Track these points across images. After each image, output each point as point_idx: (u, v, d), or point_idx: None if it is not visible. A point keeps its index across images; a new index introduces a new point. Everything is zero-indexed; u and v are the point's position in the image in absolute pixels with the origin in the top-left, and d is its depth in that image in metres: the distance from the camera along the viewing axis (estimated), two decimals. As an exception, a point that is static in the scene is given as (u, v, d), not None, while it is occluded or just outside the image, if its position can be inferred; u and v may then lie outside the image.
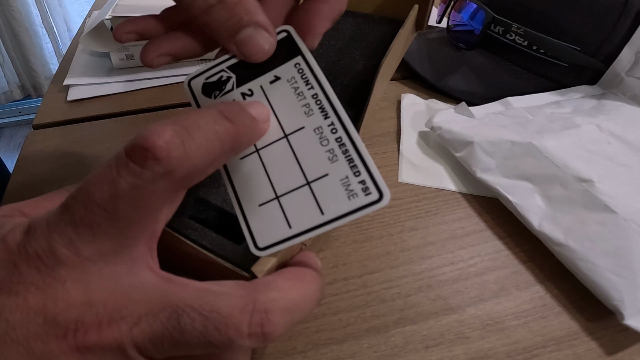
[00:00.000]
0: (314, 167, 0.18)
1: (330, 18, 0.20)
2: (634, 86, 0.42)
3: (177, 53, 0.21)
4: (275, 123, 0.19)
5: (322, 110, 0.19)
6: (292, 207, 0.18)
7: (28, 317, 0.14)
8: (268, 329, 0.15)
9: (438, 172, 0.38)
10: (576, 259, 0.28)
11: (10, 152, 1.76)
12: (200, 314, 0.15)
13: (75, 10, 1.79)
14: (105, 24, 0.48)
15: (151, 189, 0.15)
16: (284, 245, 0.18)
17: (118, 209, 0.15)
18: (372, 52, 0.31)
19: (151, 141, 0.14)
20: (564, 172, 0.32)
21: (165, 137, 0.15)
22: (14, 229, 0.15)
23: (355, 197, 0.17)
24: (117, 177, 0.14)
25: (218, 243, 0.21)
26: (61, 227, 0.15)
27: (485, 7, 0.47)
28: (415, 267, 0.30)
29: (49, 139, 0.42)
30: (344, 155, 0.18)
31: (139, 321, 0.15)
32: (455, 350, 0.25)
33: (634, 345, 0.26)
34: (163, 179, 0.15)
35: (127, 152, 0.15)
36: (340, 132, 0.18)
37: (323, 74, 0.19)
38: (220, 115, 0.17)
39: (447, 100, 0.46)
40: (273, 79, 0.20)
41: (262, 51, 0.19)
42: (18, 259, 0.15)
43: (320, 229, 0.18)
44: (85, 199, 0.15)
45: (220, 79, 0.20)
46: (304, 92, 0.19)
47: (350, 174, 0.18)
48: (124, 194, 0.14)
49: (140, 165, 0.14)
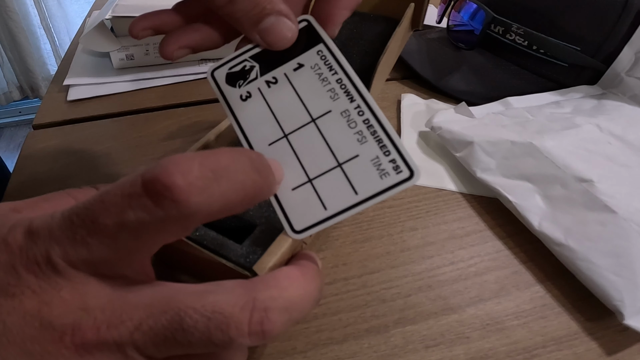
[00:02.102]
0: (344, 149, 0.19)
1: (349, 7, 0.21)
2: (634, 86, 0.42)
3: (196, 45, 0.21)
4: (302, 108, 0.20)
5: (348, 94, 0.19)
6: (325, 189, 0.19)
7: (24, 320, 0.14)
8: (267, 327, 0.15)
9: (438, 172, 0.38)
10: (576, 259, 0.28)
11: (10, 152, 1.76)
12: (202, 315, 0.15)
13: (74, 11, 1.79)
14: (105, 24, 0.48)
15: (159, 228, 0.14)
16: (321, 227, 0.18)
17: (120, 238, 0.14)
18: (369, 50, 0.31)
19: (173, 179, 0.13)
20: (564, 172, 0.32)
21: (190, 178, 0.14)
22: (15, 228, 0.15)
23: (387, 175, 0.18)
24: (126, 208, 0.14)
25: (219, 242, 0.21)
26: (61, 239, 0.14)
27: (485, 7, 0.47)
28: (415, 267, 0.30)
29: (49, 139, 0.42)
30: (372, 136, 0.19)
31: (139, 325, 0.14)
32: (455, 350, 0.25)
33: (634, 345, 0.26)
34: (175, 222, 0.14)
35: (144, 183, 0.14)
36: (368, 114, 0.19)
37: (345, 59, 0.20)
38: (252, 166, 0.16)
39: (447, 100, 0.46)
40: (296, 67, 0.20)
41: (285, 38, 0.19)
42: (18, 262, 0.14)
43: (355, 208, 0.18)
44: (90, 221, 0.14)
45: (243, 69, 0.21)
46: (328, 78, 0.20)
47: (381, 154, 0.18)
48: (130, 226, 0.14)
49: (155, 203, 0.13)
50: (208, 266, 0.22)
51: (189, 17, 0.22)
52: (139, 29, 0.21)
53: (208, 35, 0.22)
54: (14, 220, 0.16)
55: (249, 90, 0.21)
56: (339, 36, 0.33)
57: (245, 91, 0.21)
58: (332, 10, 0.20)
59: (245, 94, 0.21)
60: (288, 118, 0.20)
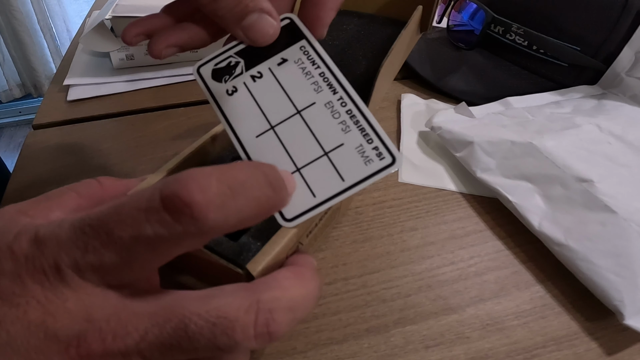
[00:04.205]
0: (330, 138, 0.20)
1: (334, 8, 0.21)
2: (634, 86, 0.42)
3: (184, 43, 0.22)
4: (287, 100, 0.20)
5: (330, 86, 0.20)
6: (313, 177, 0.19)
7: (29, 330, 0.14)
8: (273, 328, 0.15)
9: (438, 172, 0.38)
10: (576, 259, 0.28)
11: (10, 152, 1.76)
12: (207, 320, 0.14)
13: (74, 10, 1.79)
14: (105, 24, 0.47)
15: (176, 243, 0.14)
16: (311, 214, 0.19)
17: (134, 251, 0.14)
18: (375, 52, 0.31)
19: (192, 195, 0.13)
20: (564, 172, 0.32)
21: (208, 195, 0.14)
22: (21, 235, 0.15)
23: (371, 162, 0.19)
24: (144, 222, 0.14)
25: (214, 240, 0.22)
26: (71, 249, 0.14)
27: (485, 7, 0.47)
28: (415, 267, 0.30)
29: (49, 139, 0.42)
30: (355, 125, 0.19)
31: (145, 335, 0.14)
32: (455, 350, 0.25)
33: (634, 345, 0.26)
34: (193, 237, 0.14)
35: (163, 199, 0.14)
36: (350, 105, 0.20)
37: (327, 54, 0.21)
38: (267, 181, 0.16)
39: (447, 100, 0.46)
40: (280, 61, 0.21)
41: (267, 35, 0.20)
42: (24, 271, 0.14)
43: (342, 194, 0.19)
44: (104, 233, 0.14)
45: (229, 64, 0.21)
46: (311, 72, 0.21)
47: (364, 142, 0.19)
48: (146, 240, 0.14)
49: (173, 219, 0.14)
50: (203, 264, 0.22)
51: (179, 18, 0.22)
52: (132, 36, 0.22)
53: (195, 34, 0.22)
54: (20, 227, 0.15)
55: (234, 85, 0.21)
56: (345, 37, 0.33)
57: (232, 86, 0.21)
58: (318, 13, 0.21)
59: (232, 88, 0.21)
60: (274, 110, 0.20)
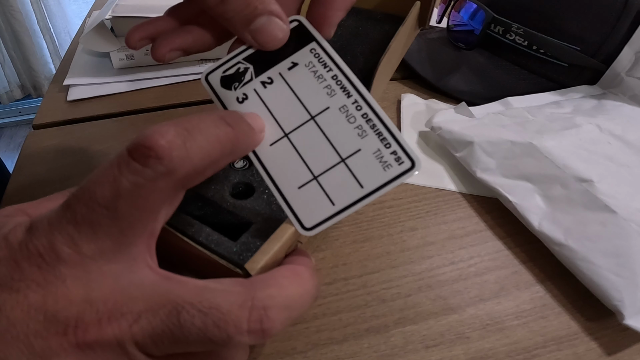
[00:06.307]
0: (346, 144, 0.19)
1: (343, 8, 0.21)
2: (634, 86, 0.42)
3: (188, 47, 0.22)
4: (300, 106, 0.20)
5: (344, 89, 0.20)
6: (331, 185, 0.19)
7: (28, 314, 0.14)
8: (267, 325, 0.15)
9: (438, 172, 0.38)
10: (576, 259, 0.28)
11: (10, 152, 1.76)
12: (199, 310, 0.15)
13: (73, 11, 1.79)
14: (105, 24, 0.48)
15: (152, 188, 0.15)
16: (330, 223, 0.19)
17: (119, 207, 0.15)
18: (373, 49, 0.31)
19: (153, 140, 0.15)
20: (564, 172, 0.32)
21: (168, 137, 0.15)
22: (16, 227, 0.15)
23: (390, 167, 0.18)
24: (118, 176, 0.15)
25: (214, 239, 0.22)
26: (63, 225, 0.15)
27: (485, 7, 0.47)
28: (415, 267, 0.30)
29: (49, 139, 0.42)
30: (372, 129, 0.19)
31: (138, 318, 0.15)
32: (455, 350, 0.25)
33: (634, 345, 0.26)
34: (164, 178, 0.15)
35: (130, 151, 0.15)
36: (365, 109, 0.19)
37: (339, 55, 0.20)
38: (221, 119, 0.17)
39: (447, 100, 0.46)
40: (291, 65, 0.20)
41: (276, 38, 0.20)
42: (19, 256, 0.15)
43: (362, 202, 0.18)
44: (87, 197, 0.15)
45: (238, 71, 0.21)
46: (323, 75, 0.20)
47: (382, 147, 0.19)
48: (126, 192, 0.15)
49: (142, 164, 0.15)
50: (203, 263, 0.22)
51: (183, 20, 0.22)
52: (136, 40, 0.22)
53: (200, 37, 0.22)
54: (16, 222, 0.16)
55: (245, 92, 0.21)
56: (342, 34, 0.33)
57: (242, 93, 0.21)
58: (327, 12, 0.21)
59: (242, 96, 0.21)
60: (287, 117, 0.20)
